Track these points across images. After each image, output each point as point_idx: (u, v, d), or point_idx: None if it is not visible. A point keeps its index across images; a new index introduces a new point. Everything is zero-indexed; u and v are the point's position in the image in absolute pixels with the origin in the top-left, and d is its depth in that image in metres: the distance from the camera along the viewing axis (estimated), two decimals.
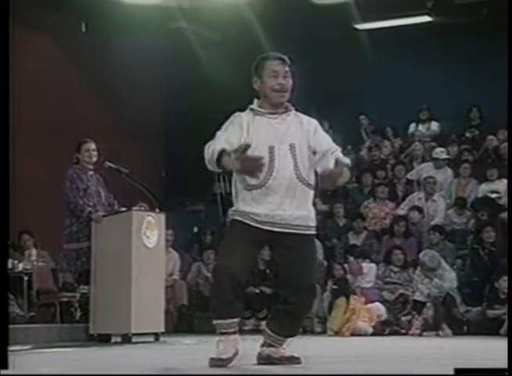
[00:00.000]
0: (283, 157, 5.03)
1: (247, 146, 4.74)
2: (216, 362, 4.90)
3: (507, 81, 6.23)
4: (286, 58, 5.16)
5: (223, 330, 5.00)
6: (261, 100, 5.19)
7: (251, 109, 5.18)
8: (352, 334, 10.21)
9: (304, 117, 5.24)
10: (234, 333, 5.01)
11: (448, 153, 13.37)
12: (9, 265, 9.83)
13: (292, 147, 5.06)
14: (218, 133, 5.09)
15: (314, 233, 5.16)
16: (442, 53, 14.33)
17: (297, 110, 5.24)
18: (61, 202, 8.81)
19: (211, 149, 4.92)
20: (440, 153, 13.25)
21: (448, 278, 10.72)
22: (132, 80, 14.46)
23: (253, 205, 5.02)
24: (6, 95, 4.35)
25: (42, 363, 5.76)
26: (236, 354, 4.99)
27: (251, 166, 4.77)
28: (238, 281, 4.96)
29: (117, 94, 14.40)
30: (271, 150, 5.02)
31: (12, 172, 4.78)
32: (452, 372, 3.86)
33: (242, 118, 5.11)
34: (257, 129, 5.07)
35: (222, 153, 4.84)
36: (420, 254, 11.05)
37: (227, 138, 4.98)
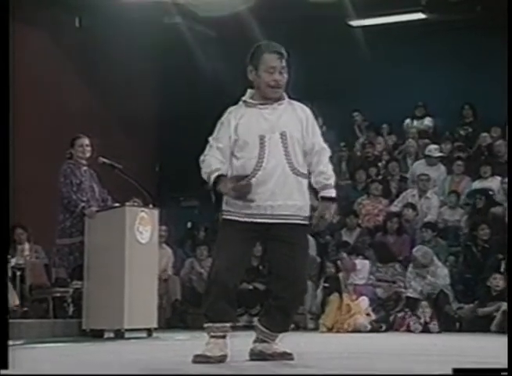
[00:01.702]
0: (273, 146, 4.99)
1: (243, 177, 4.91)
2: (200, 358, 4.89)
3: (507, 81, 6.22)
4: (283, 52, 5.08)
5: (213, 334, 5.00)
6: (255, 91, 5.13)
7: (244, 101, 5.15)
8: (353, 330, 10.18)
9: (297, 105, 5.17)
10: (223, 337, 5.01)
11: (441, 151, 13.36)
12: None
13: (283, 136, 5.01)
14: (210, 140, 5.12)
15: (306, 223, 5.10)
16: (436, 50, 14.33)
17: (290, 97, 5.17)
18: (55, 197, 8.80)
19: (207, 169, 5.01)
20: (433, 150, 13.24)
21: (441, 275, 10.74)
22: (127, 75, 14.43)
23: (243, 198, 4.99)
24: (6, 94, 4.34)
25: (37, 359, 5.73)
26: (223, 356, 4.95)
27: (246, 192, 4.92)
28: (232, 287, 4.97)
29: (112, 89, 14.36)
30: (261, 139, 4.99)
31: (12, 169, 4.77)
32: (449, 370, 3.86)
33: (231, 115, 5.10)
34: (247, 121, 5.04)
35: (218, 179, 4.95)
36: (413, 250, 11.07)
37: (218, 146, 5.03)
